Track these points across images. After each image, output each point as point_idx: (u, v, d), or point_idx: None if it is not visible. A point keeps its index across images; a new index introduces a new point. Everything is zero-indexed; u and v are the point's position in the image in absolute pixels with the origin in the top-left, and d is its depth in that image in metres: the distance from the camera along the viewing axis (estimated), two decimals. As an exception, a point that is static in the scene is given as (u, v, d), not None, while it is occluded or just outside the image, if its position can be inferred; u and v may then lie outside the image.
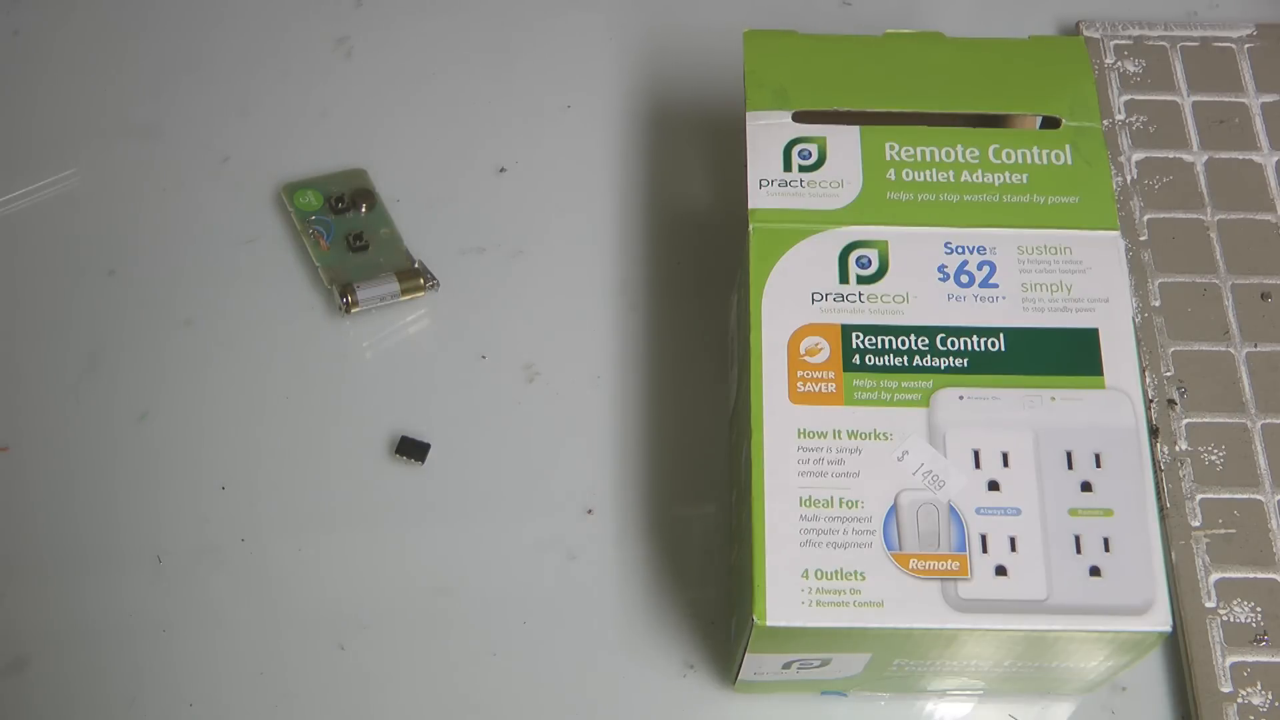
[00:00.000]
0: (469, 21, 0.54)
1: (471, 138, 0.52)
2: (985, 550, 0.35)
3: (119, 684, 0.42)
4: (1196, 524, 0.43)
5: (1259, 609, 0.42)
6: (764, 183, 0.40)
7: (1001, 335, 0.38)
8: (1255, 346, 0.46)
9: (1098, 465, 0.36)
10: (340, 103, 0.53)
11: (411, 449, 0.46)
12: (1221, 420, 0.45)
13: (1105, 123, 0.50)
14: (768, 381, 0.37)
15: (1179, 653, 0.42)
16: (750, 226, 0.39)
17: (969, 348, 0.38)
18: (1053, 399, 0.37)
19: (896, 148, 0.40)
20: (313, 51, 0.54)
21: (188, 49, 0.54)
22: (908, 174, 0.40)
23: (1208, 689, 0.41)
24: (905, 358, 0.37)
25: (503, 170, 0.51)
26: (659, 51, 0.54)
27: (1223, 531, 0.43)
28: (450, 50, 0.54)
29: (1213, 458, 0.44)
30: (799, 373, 0.37)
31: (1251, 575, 0.43)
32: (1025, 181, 0.40)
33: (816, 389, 0.37)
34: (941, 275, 0.39)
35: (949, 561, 0.35)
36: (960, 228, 0.39)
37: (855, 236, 0.39)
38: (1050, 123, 0.41)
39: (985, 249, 0.39)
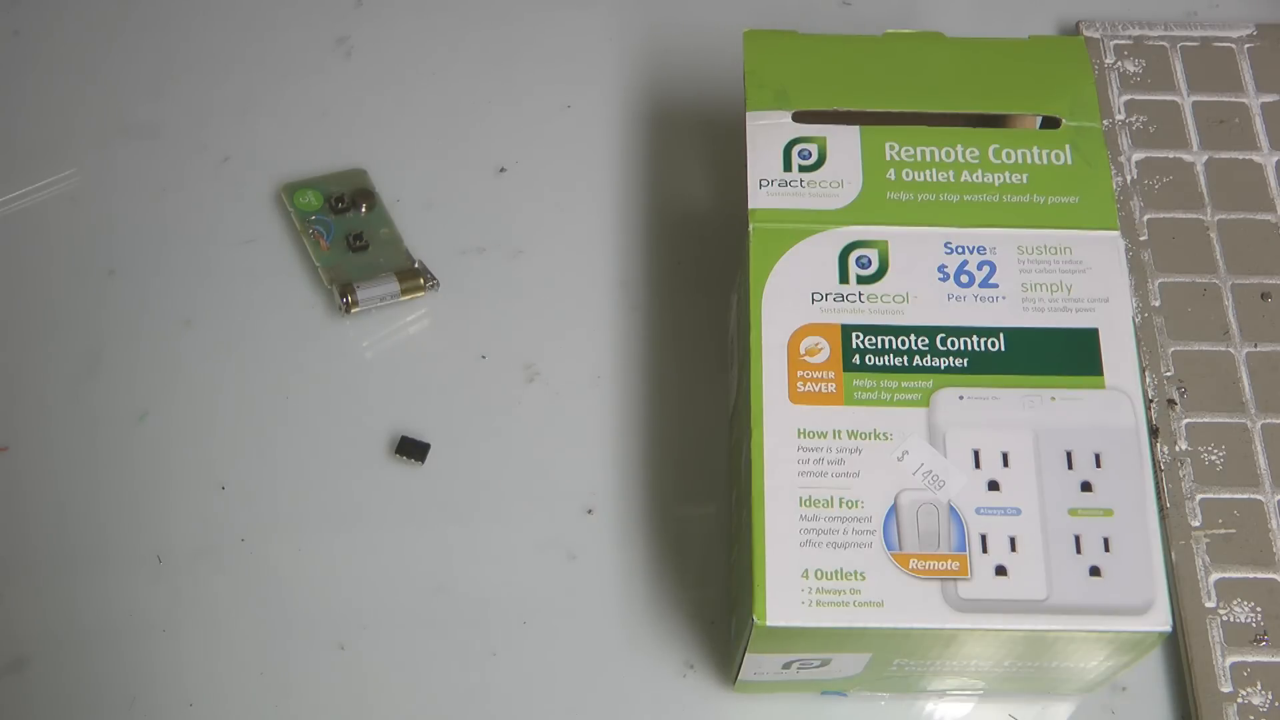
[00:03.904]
0: (469, 21, 0.54)
1: (471, 138, 0.52)
2: (985, 550, 0.35)
3: (119, 684, 0.42)
4: (1196, 524, 0.43)
5: (1259, 609, 0.42)
6: (764, 183, 0.40)
7: (1001, 335, 0.38)
8: (1255, 346, 0.46)
9: (1098, 465, 0.36)
10: (340, 103, 0.53)
11: (411, 449, 0.46)
12: (1221, 420, 0.45)
13: (1105, 123, 0.50)
14: (768, 381, 0.37)
15: (1179, 653, 0.42)
16: (750, 226, 0.39)
17: (969, 348, 0.38)
18: (1053, 399, 0.37)
19: (896, 148, 0.40)
20: (313, 51, 0.54)
21: (188, 49, 0.54)
22: (908, 174, 0.40)
23: (1208, 689, 0.41)
24: (905, 358, 0.37)
25: (503, 170, 0.51)
26: (659, 51, 0.54)
27: (1223, 531, 0.43)
28: (450, 50, 0.54)
29: (1213, 458, 0.44)
30: (799, 373, 0.37)
31: (1251, 575, 0.43)
32: (1025, 181, 0.40)
33: (816, 389, 0.37)
34: (941, 275, 0.39)
35: (949, 561, 0.35)
36: (960, 228, 0.39)
37: (855, 236, 0.39)
38: (1050, 123, 0.41)
39: (985, 249, 0.39)
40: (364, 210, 0.49)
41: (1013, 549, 0.35)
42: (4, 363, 0.47)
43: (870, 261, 0.39)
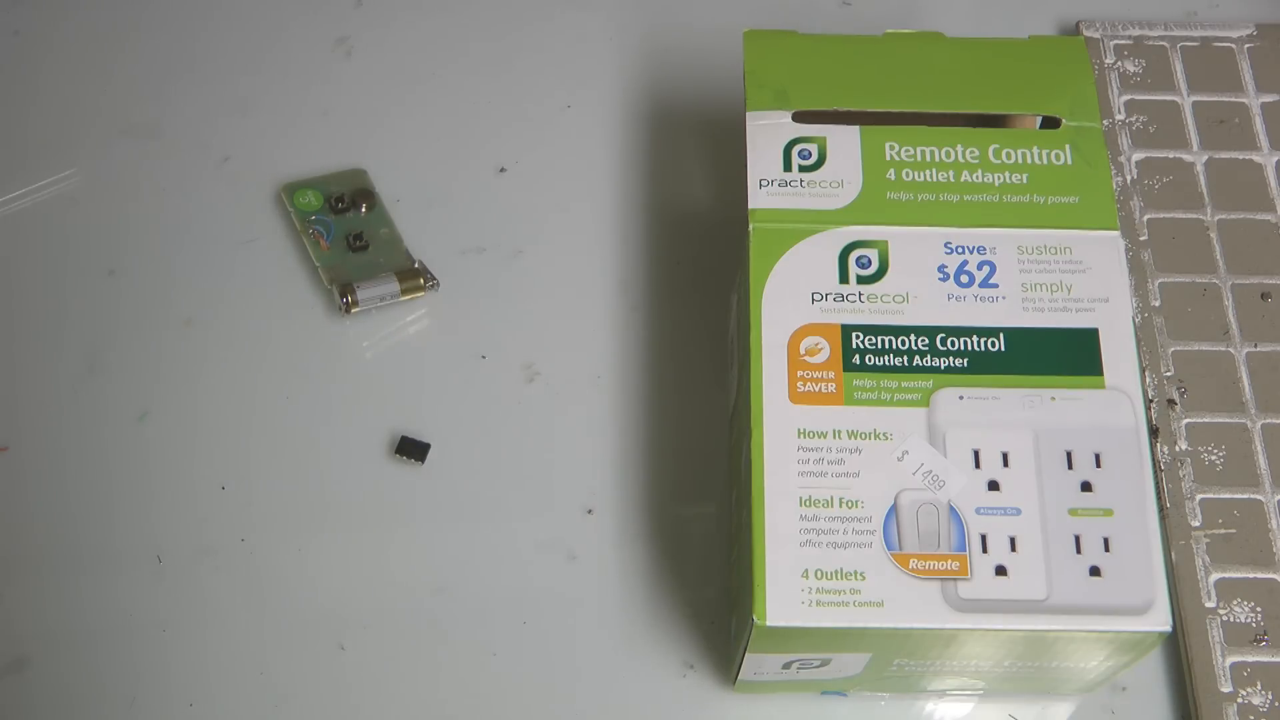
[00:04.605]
0: (469, 21, 0.54)
1: (471, 138, 0.52)
2: (985, 550, 0.35)
3: (119, 684, 0.42)
4: (1196, 524, 0.43)
5: (1259, 609, 0.42)
6: (764, 183, 0.40)
7: (1001, 335, 0.38)
8: (1255, 346, 0.46)
9: (1098, 465, 0.36)
10: (340, 103, 0.53)
11: (411, 449, 0.46)
12: (1221, 420, 0.45)
13: (1105, 123, 0.50)
14: (768, 381, 0.37)
15: (1179, 653, 0.42)
16: (750, 226, 0.39)
17: (969, 348, 0.38)
18: (1053, 399, 0.37)
19: (896, 148, 0.40)
20: (313, 51, 0.54)
21: (188, 49, 0.54)
22: (908, 174, 0.40)
23: (1208, 689, 0.41)
24: (905, 358, 0.37)
25: (503, 170, 0.51)
26: (659, 51, 0.54)
27: (1223, 531, 0.43)
28: (450, 50, 0.54)
29: (1213, 458, 0.44)
30: (799, 373, 0.37)
31: (1251, 575, 0.43)
32: (1025, 181, 0.40)
33: (816, 389, 0.37)
34: (941, 275, 0.39)
35: (949, 561, 0.35)
36: (960, 228, 0.39)
37: (855, 236, 0.39)
38: (1050, 123, 0.41)
39: (985, 249, 0.39)
40: (364, 210, 0.49)
41: (1013, 549, 0.35)
42: (4, 363, 0.47)
43: (870, 261, 0.39)
